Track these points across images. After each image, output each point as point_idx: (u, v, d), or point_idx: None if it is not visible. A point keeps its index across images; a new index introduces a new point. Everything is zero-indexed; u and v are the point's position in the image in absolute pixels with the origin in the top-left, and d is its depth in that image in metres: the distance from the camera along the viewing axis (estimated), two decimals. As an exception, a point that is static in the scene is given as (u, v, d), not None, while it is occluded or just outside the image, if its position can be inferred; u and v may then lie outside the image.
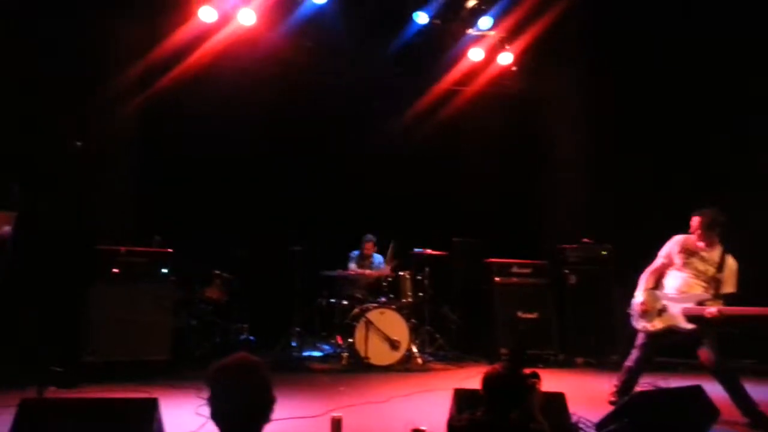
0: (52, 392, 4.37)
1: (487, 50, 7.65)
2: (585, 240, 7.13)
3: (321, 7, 6.83)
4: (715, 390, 4.10)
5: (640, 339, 4.70)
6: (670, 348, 5.05)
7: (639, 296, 4.67)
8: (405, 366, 6.30)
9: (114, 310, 5.51)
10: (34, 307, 5.11)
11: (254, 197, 7.41)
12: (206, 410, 4.12)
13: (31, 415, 3.04)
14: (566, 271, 7.01)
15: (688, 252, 4.59)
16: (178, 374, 5.50)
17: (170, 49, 6.67)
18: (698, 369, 4.66)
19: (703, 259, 4.52)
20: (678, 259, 4.61)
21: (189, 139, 7.11)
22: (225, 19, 6.65)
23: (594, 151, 7.58)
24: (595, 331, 6.84)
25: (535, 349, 6.72)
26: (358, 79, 7.75)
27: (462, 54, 7.72)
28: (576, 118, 7.86)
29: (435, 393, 5.09)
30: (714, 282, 4.44)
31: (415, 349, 6.50)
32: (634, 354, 4.72)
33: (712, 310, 4.24)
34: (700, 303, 4.38)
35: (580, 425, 3.76)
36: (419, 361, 6.45)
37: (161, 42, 6.63)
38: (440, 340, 6.99)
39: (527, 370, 2.69)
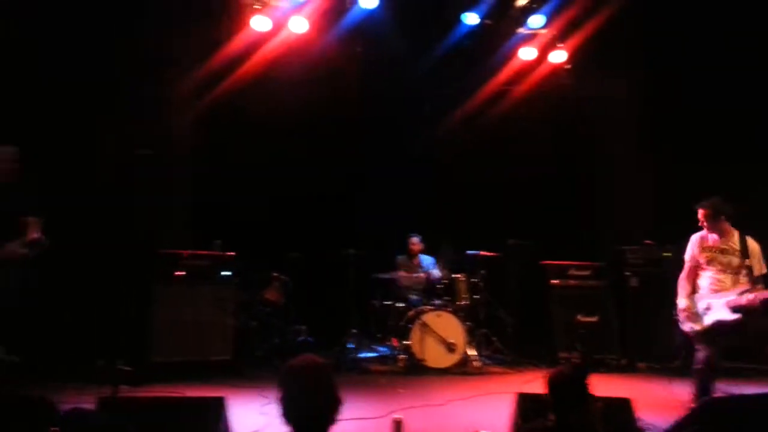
0: (124, 390, 4.58)
1: (539, 49, 7.55)
2: (646, 241, 6.92)
3: (370, 12, 6.88)
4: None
5: (695, 342, 4.60)
6: (743, 351, 4.99)
7: (681, 302, 4.66)
8: (462, 369, 6.26)
9: (179, 311, 5.70)
10: (104, 310, 5.32)
11: (308, 201, 7.52)
12: (270, 410, 4.26)
13: (108, 411, 3.19)
14: (627, 273, 6.81)
15: (707, 249, 4.57)
16: (240, 374, 5.65)
17: (226, 57, 6.86)
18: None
19: (723, 252, 4.50)
20: (702, 259, 4.59)
21: (246, 144, 7.30)
22: (277, 28, 6.79)
23: (653, 150, 7.36)
24: (657, 335, 6.63)
25: (596, 353, 6.56)
26: (407, 82, 7.77)
27: (512, 53, 7.64)
28: (634, 116, 7.64)
29: (494, 397, 5.04)
30: (744, 269, 4.40)
31: (471, 352, 6.45)
32: (697, 357, 4.58)
33: (749, 296, 4.25)
34: (741, 294, 4.34)
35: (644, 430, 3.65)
36: (476, 364, 6.39)
37: (217, 51, 6.81)
38: (496, 343, 6.92)
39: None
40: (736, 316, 4.33)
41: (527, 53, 7.54)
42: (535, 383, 5.57)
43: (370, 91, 7.78)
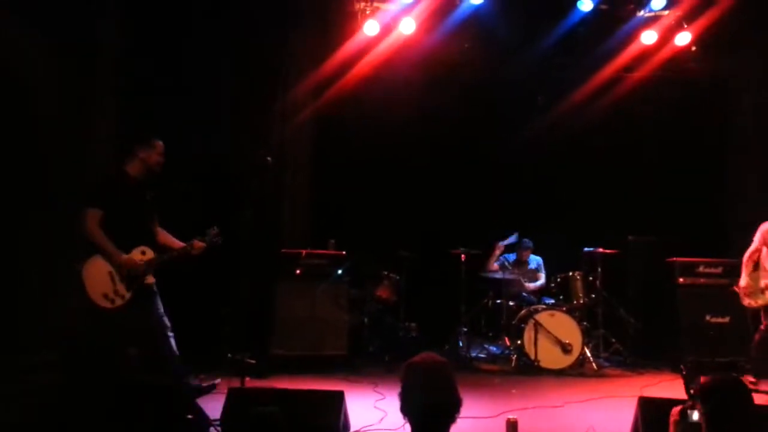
0: (249, 381, 4.89)
1: (662, 32, 7.08)
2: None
3: (478, 7, 6.82)
4: None
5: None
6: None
7: (743, 280, 5.38)
8: (578, 371, 6.05)
9: (298, 307, 6.00)
10: (231, 306, 5.69)
11: (418, 200, 7.60)
12: (384, 405, 4.37)
13: (238, 401, 3.44)
14: (764, 270, 6.23)
15: None
16: (354, 369, 5.83)
17: (338, 62, 7.06)
18: None
19: None
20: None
21: (357, 146, 7.51)
22: (387, 30, 6.91)
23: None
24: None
25: (727, 356, 6.06)
26: (519, 74, 7.59)
27: (632, 38, 7.21)
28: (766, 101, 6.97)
29: (614, 400, 4.84)
30: None
31: (588, 353, 6.21)
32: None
33: None
34: None
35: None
36: (593, 366, 6.15)
37: (331, 55, 7.02)
38: (616, 345, 6.60)
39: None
40: None
41: (648, 37, 7.11)
42: (658, 387, 5.29)
43: (480, 86, 7.69)
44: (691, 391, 2.56)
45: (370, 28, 6.77)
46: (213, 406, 3.78)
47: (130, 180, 4.15)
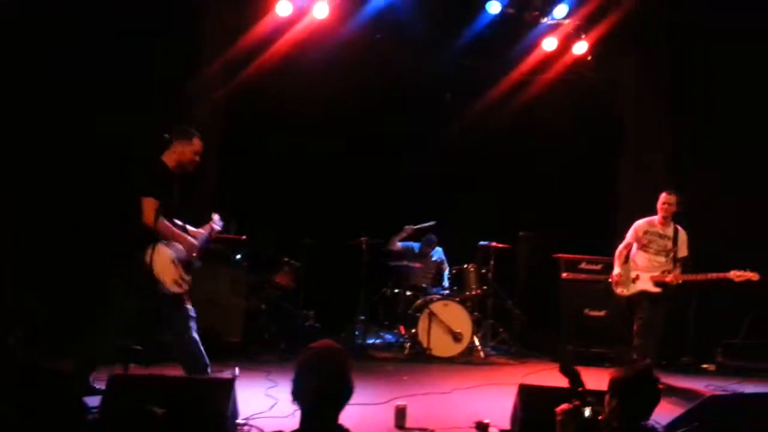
0: (134, 369, 4.67)
1: (561, 39, 7.48)
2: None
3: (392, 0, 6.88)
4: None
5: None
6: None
7: (615, 269, 5.70)
8: (467, 358, 6.33)
9: (193, 291, 5.79)
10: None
11: (323, 188, 7.57)
12: (276, 392, 4.34)
13: (120, 389, 3.28)
14: (637, 269, 6.79)
15: (651, 232, 5.56)
16: (248, 356, 5.74)
17: (251, 42, 6.88)
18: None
19: (661, 236, 5.54)
20: (644, 240, 5.58)
21: (265, 130, 7.36)
22: (301, 13, 6.80)
23: (672, 143, 7.29)
24: (668, 331, 6.60)
25: (603, 347, 6.57)
26: (429, 71, 7.74)
27: (536, 43, 7.57)
28: (654, 108, 7.55)
29: (498, 387, 5.09)
30: (672, 253, 5.46)
31: (477, 342, 6.50)
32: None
33: (671, 276, 5.34)
34: (664, 272, 5.41)
35: (649, 426, 3.67)
36: (481, 354, 6.45)
37: (243, 34, 6.83)
38: (503, 335, 6.95)
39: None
40: (657, 290, 5.39)
41: (550, 43, 7.48)
42: (539, 375, 5.64)
43: (390, 79, 7.76)
44: (579, 389, 2.62)
45: (282, 8, 6.65)
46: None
47: (168, 170, 4.14)
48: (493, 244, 6.92)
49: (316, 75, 7.33)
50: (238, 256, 6.06)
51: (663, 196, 5.49)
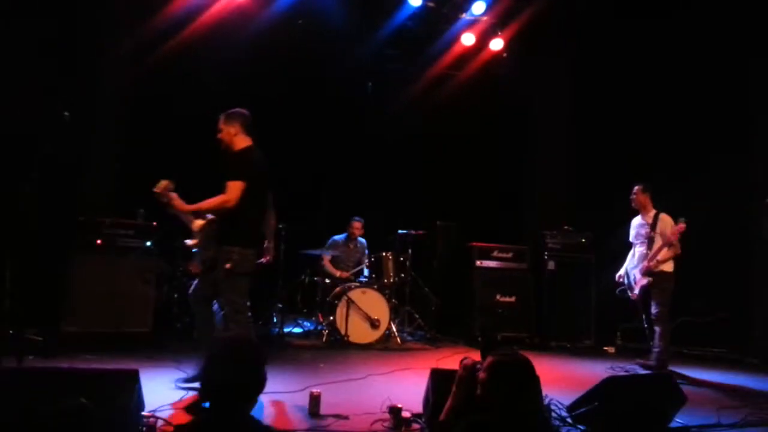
0: (31, 361, 4.39)
1: (479, 35, 7.66)
2: (566, 227, 7.23)
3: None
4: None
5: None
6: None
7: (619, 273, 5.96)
8: (384, 345, 6.41)
9: (96, 280, 5.51)
10: (17, 276, 5.05)
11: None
12: (186, 384, 4.20)
13: (7, 384, 3.04)
14: (545, 256, 7.11)
15: (634, 226, 5.85)
16: (158, 347, 5.53)
17: (162, 21, 6.59)
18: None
19: (642, 225, 5.80)
20: (632, 237, 5.88)
21: (175, 114, 7.04)
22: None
23: (578, 138, 7.66)
24: (571, 316, 6.99)
25: (512, 331, 6.86)
26: (350, 60, 7.70)
27: (455, 38, 7.72)
28: (562, 106, 7.91)
29: (412, 372, 5.20)
30: (651, 240, 5.65)
31: (394, 329, 6.60)
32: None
33: (648, 263, 5.59)
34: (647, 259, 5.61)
35: (552, 406, 3.86)
36: (398, 340, 6.55)
37: (154, 13, 6.53)
38: (419, 321, 7.09)
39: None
40: (647, 280, 5.61)
41: (468, 39, 7.63)
42: (452, 359, 5.79)
43: (311, 66, 7.65)
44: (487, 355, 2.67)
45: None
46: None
47: None
48: (412, 232, 7.02)
49: (234, 57, 7.11)
50: (148, 243, 5.80)
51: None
